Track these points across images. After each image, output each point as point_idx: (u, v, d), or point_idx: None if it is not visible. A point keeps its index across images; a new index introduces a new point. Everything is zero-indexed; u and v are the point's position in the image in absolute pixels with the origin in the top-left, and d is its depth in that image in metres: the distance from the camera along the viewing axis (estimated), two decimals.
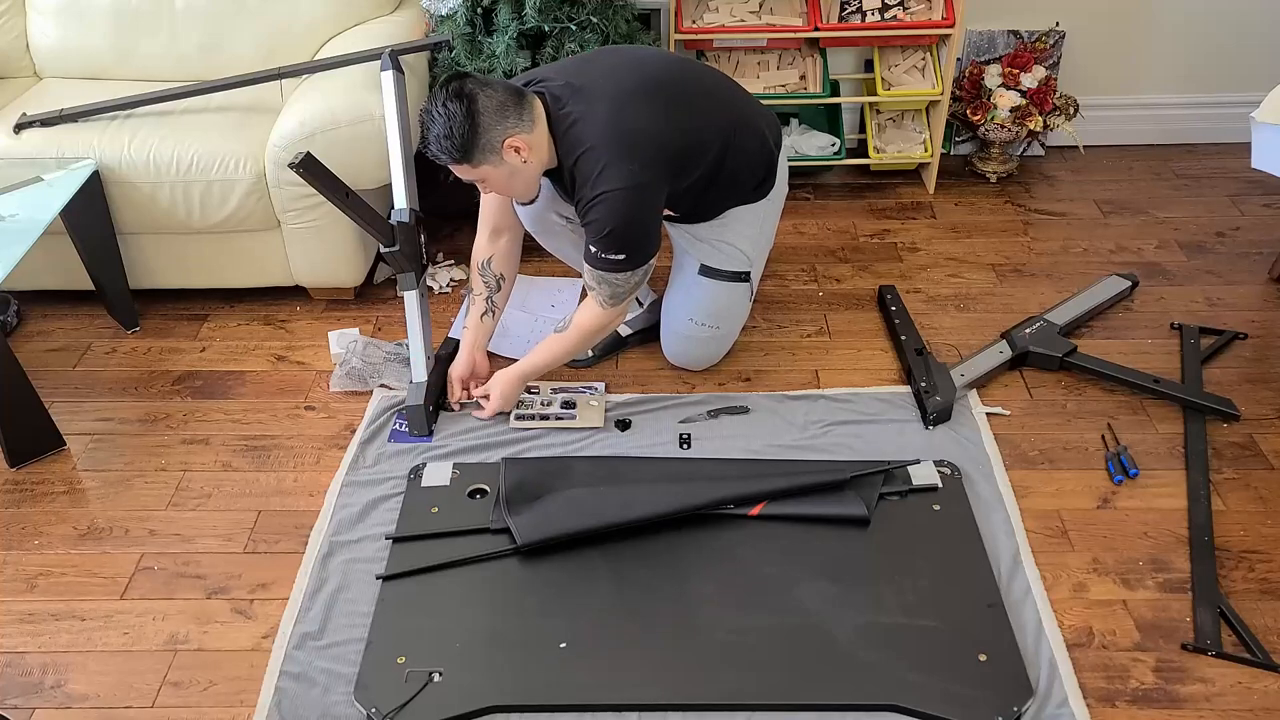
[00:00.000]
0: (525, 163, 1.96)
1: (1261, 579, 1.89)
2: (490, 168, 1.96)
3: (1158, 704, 1.69)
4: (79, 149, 2.42)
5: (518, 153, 1.94)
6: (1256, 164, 2.29)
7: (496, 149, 1.93)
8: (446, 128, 1.89)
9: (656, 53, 2.20)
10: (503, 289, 2.30)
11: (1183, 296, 2.61)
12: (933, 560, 1.91)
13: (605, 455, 2.16)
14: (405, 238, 2.25)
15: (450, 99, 1.88)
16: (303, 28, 2.71)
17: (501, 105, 1.90)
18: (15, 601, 1.92)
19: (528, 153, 1.95)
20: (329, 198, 2.15)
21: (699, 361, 2.39)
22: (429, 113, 1.91)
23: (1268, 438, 2.19)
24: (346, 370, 2.39)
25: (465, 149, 1.91)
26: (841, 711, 1.68)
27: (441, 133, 1.89)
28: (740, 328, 2.40)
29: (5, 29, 2.77)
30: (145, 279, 2.60)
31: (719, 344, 2.37)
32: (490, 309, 2.30)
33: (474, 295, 2.31)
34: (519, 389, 2.26)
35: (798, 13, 2.92)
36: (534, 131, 1.95)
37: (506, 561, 1.94)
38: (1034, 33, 3.07)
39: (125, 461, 2.22)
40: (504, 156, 1.94)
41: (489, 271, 2.27)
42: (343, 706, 1.70)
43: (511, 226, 2.28)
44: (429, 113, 1.91)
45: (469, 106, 1.88)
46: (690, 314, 2.28)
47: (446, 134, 1.89)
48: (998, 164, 3.13)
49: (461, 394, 2.28)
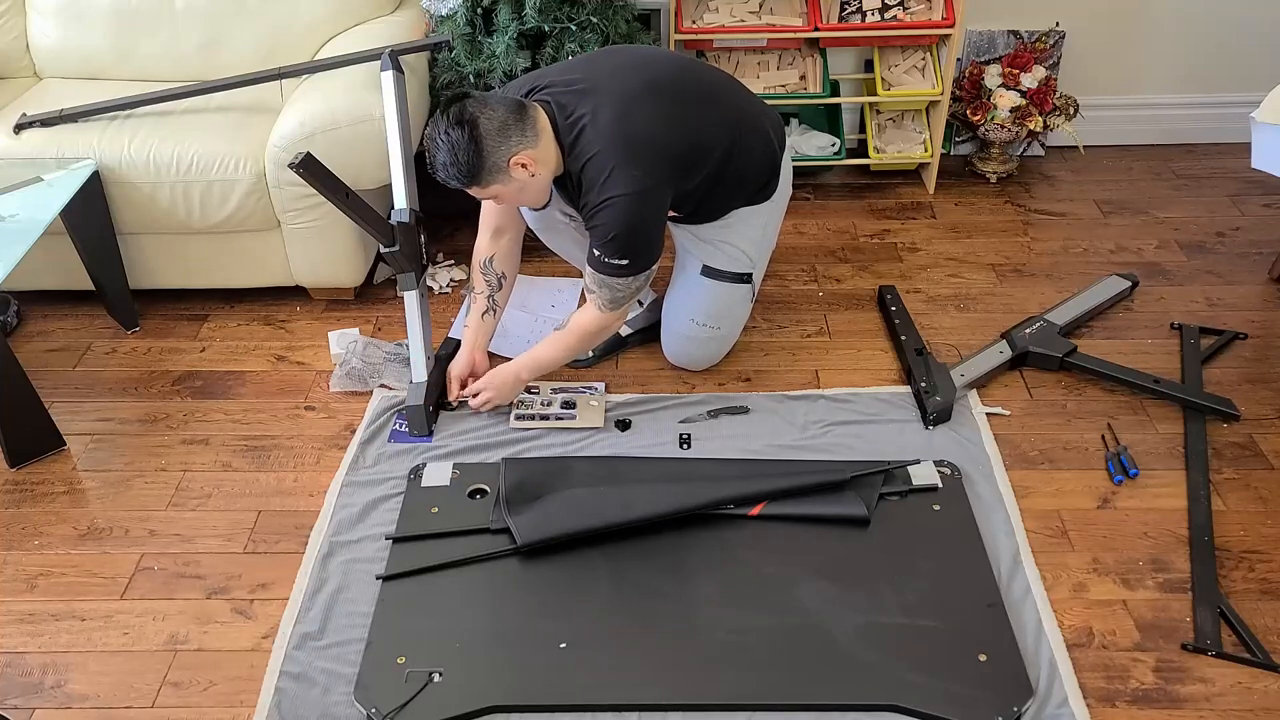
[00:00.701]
0: (533, 176, 1.97)
1: (1261, 579, 1.89)
2: (500, 186, 1.97)
3: (1158, 704, 1.69)
4: (79, 149, 2.42)
5: (525, 168, 1.95)
6: (1256, 164, 2.29)
7: (503, 168, 1.94)
8: (451, 155, 1.90)
9: (662, 53, 2.20)
10: (504, 287, 2.30)
11: (1183, 296, 2.62)
12: (933, 560, 1.91)
13: (605, 455, 2.16)
14: (405, 238, 2.25)
15: (452, 125, 1.89)
16: (303, 28, 2.71)
17: (503, 124, 1.91)
18: (15, 601, 1.92)
19: (535, 166, 1.96)
20: (329, 198, 2.15)
21: (699, 362, 2.39)
22: (433, 140, 1.92)
23: (1268, 438, 2.19)
24: (346, 370, 2.39)
25: (473, 173, 1.92)
26: (841, 711, 1.68)
27: (447, 160, 1.91)
28: (741, 328, 2.40)
29: (5, 29, 2.77)
30: (145, 279, 2.60)
31: (719, 344, 2.37)
32: (491, 308, 2.30)
33: (475, 294, 2.31)
34: (514, 385, 2.26)
35: (798, 13, 2.92)
36: (539, 144, 1.96)
37: (506, 561, 1.94)
38: (1034, 33, 3.07)
39: (125, 461, 2.22)
40: (512, 174, 1.95)
41: (491, 270, 2.27)
42: (343, 706, 1.70)
43: (513, 225, 2.28)
44: (433, 140, 1.92)
45: (471, 131, 1.88)
46: (691, 314, 2.28)
47: (452, 161, 1.91)
48: (998, 164, 3.13)
49: (460, 392, 2.28)
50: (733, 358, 2.44)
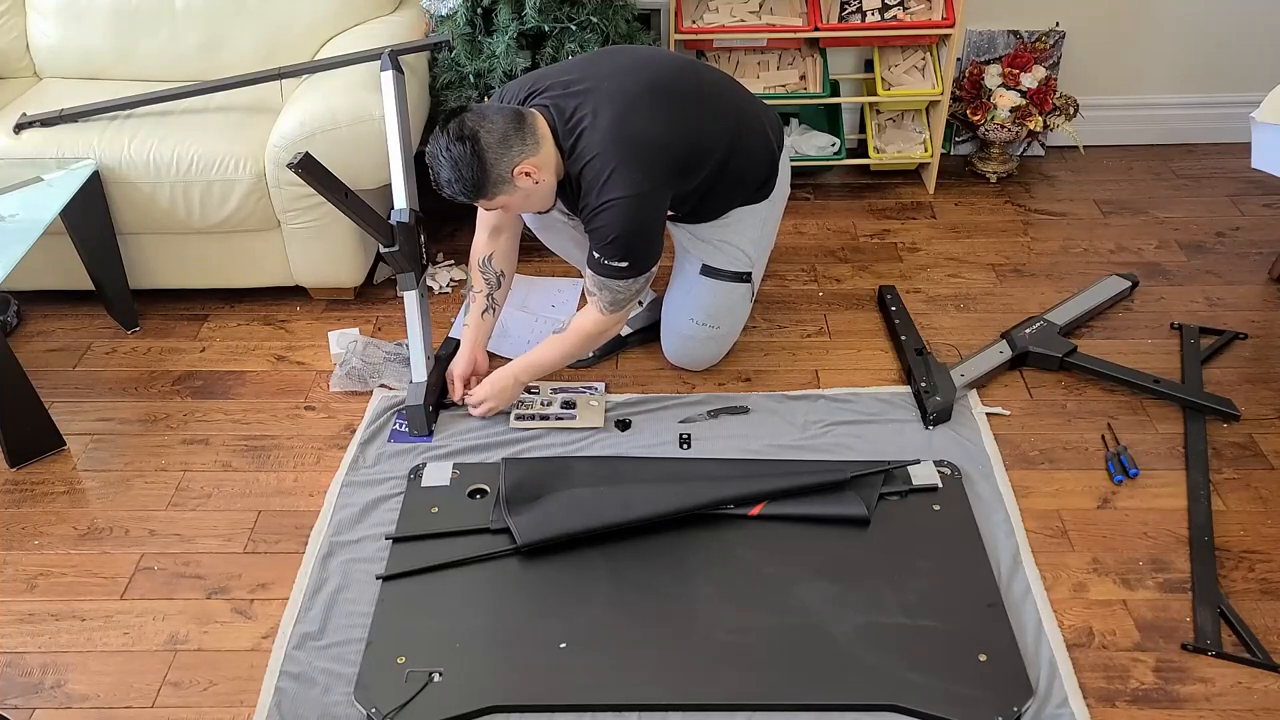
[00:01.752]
0: (538, 183, 1.99)
1: (1261, 579, 1.89)
2: (506, 196, 1.99)
3: (1158, 704, 1.69)
4: (79, 149, 2.42)
5: (529, 176, 1.96)
6: (1256, 164, 2.29)
7: (508, 179, 1.95)
8: (455, 171, 1.92)
9: (662, 53, 2.20)
10: (502, 286, 2.30)
11: (1183, 296, 2.62)
12: (933, 560, 1.91)
13: (605, 455, 2.16)
14: (405, 238, 2.25)
15: (453, 142, 1.91)
16: (303, 28, 2.71)
17: (504, 135, 1.92)
18: (15, 601, 1.92)
19: (538, 173, 1.97)
20: (327, 198, 2.14)
21: (699, 361, 2.39)
22: (435, 157, 1.94)
23: (1268, 438, 2.19)
24: (346, 370, 2.39)
25: (478, 186, 1.94)
26: (841, 711, 1.68)
27: (452, 176, 1.93)
28: (741, 327, 2.40)
29: (5, 29, 2.77)
30: (145, 279, 2.60)
31: (719, 344, 2.37)
32: (491, 306, 2.30)
33: (474, 293, 2.31)
34: (513, 387, 2.26)
35: (798, 13, 2.92)
36: (541, 151, 1.96)
37: (506, 561, 1.94)
38: (1034, 33, 3.07)
39: (125, 461, 2.22)
40: (516, 183, 1.96)
41: (489, 268, 2.28)
42: (343, 706, 1.70)
43: (511, 224, 2.28)
44: (435, 157, 1.94)
45: (473, 146, 1.90)
46: (691, 314, 2.28)
47: (457, 177, 1.93)
48: (998, 164, 3.13)
49: (463, 392, 2.28)
50: (733, 358, 2.44)
